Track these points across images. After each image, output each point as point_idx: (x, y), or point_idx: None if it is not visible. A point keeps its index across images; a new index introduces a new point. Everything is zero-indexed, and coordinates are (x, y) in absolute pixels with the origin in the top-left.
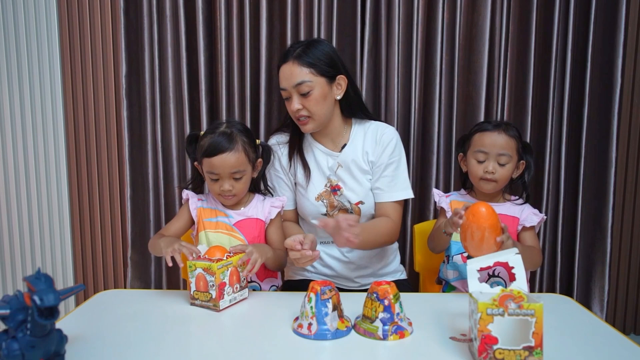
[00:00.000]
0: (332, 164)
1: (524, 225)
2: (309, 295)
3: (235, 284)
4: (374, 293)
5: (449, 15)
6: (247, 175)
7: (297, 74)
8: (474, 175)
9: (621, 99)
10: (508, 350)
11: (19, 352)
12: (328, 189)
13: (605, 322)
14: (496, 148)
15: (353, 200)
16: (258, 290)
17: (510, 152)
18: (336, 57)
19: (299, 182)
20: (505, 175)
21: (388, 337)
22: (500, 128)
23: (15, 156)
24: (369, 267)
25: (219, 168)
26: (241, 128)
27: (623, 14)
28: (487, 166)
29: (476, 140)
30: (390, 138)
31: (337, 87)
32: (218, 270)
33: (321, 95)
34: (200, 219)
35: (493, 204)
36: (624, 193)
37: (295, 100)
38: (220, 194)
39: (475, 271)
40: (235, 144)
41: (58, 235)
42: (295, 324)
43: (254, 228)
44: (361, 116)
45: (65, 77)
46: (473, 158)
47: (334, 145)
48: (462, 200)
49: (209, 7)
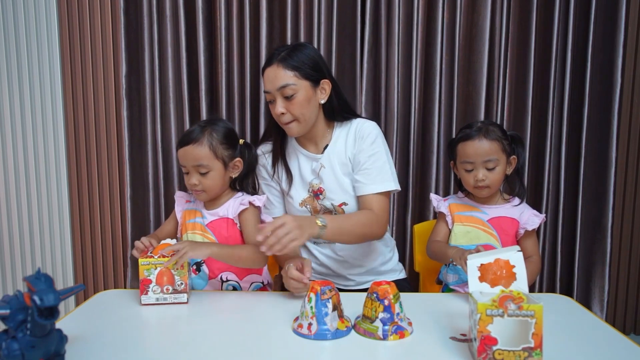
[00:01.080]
0: (315, 165)
1: (525, 229)
2: (309, 295)
3: (167, 285)
4: (374, 293)
5: (449, 15)
6: (216, 172)
7: (281, 77)
8: (467, 184)
9: (621, 99)
10: (507, 351)
11: (19, 352)
12: (311, 194)
13: (605, 322)
14: (480, 156)
15: (336, 202)
16: (238, 288)
17: (496, 155)
18: (321, 62)
19: (284, 188)
20: (497, 179)
21: (388, 337)
22: (480, 133)
23: (15, 156)
24: (364, 265)
25: (183, 159)
26: (221, 125)
27: (623, 14)
28: (477, 175)
29: (460, 150)
30: (369, 131)
31: (322, 91)
32: (142, 267)
33: (305, 99)
34: (185, 220)
35: (492, 206)
36: (624, 193)
37: (279, 104)
38: (190, 188)
39: (476, 268)
40: (201, 138)
41: (58, 235)
42: (295, 324)
43: (223, 228)
44: (343, 119)
45: (65, 77)
46: (461, 168)
47: (316, 148)
48: (461, 203)
49: (209, 7)
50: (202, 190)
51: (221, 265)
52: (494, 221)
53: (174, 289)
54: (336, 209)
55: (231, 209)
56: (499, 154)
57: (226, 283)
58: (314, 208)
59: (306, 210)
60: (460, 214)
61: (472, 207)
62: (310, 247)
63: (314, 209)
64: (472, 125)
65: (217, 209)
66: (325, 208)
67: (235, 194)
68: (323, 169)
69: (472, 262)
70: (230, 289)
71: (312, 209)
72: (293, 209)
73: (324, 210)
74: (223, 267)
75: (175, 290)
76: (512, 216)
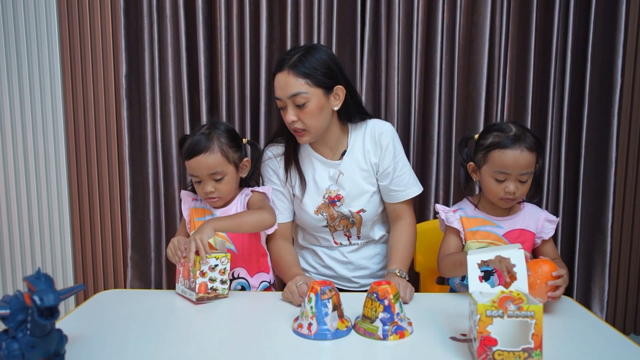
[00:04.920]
0: (333, 172)
1: (542, 238)
2: (309, 295)
3: (186, 280)
4: (374, 293)
5: (449, 15)
6: (230, 176)
7: (292, 85)
8: (492, 194)
9: (621, 99)
10: (507, 351)
11: (19, 352)
12: (326, 201)
13: (605, 322)
14: (520, 168)
15: (354, 208)
16: (246, 287)
17: (532, 169)
18: (334, 66)
19: (297, 194)
20: (525, 192)
21: (388, 337)
22: (520, 143)
23: (15, 156)
24: (368, 268)
25: (197, 170)
26: (223, 129)
27: (623, 14)
28: (508, 186)
29: (495, 158)
30: (389, 139)
31: (335, 97)
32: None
33: (317, 107)
34: (192, 218)
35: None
36: (624, 193)
37: (291, 112)
38: (204, 197)
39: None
40: (211, 145)
41: (58, 235)
42: (295, 324)
43: None
44: (359, 120)
45: (65, 77)
46: (491, 177)
47: (332, 153)
48: (473, 217)
49: (209, 7)
50: (218, 197)
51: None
52: (509, 235)
53: (189, 285)
54: (354, 215)
55: (239, 205)
56: (534, 166)
57: (236, 281)
58: (330, 215)
59: (322, 218)
60: (473, 230)
61: (485, 220)
62: (316, 249)
63: (331, 216)
64: (506, 130)
65: (226, 207)
66: (342, 215)
67: (241, 191)
68: (342, 175)
69: (472, 258)
70: (239, 288)
71: (329, 216)
72: (307, 216)
73: (341, 218)
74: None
75: (189, 287)
76: (527, 227)
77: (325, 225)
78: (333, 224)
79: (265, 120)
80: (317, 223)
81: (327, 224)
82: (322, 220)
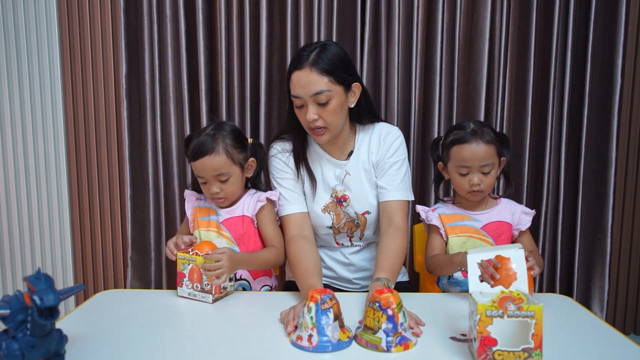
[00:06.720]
0: (339, 172)
1: (519, 230)
2: (309, 305)
3: (196, 283)
4: (376, 302)
5: (449, 15)
6: (235, 176)
7: (315, 83)
8: (460, 188)
9: (621, 99)
10: (507, 351)
11: (19, 352)
12: (334, 200)
13: (605, 322)
14: (478, 160)
15: (360, 210)
16: (248, 288)
17: (492, 160)
18: (349, 62)
19: (306, 191)
20: (491, 183)
21: (392, 348)
22: (477, 137)
23: (15, 156)
24: (370, 269)
25: (202, 171)
26: (228, 130)
27: (623, 14)
28: (472, 179)
29: (455, 153)
30: (395, 138)
31: (352, 94)
32: (178, 260)
33: (339, 105)
34: (196, 217)
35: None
36: (624, 193)
37: (312, 110)
38: (210, 198)
39: (476, 265)
40: (216, 147)
41: (58, 235)
42: (294, 335)
43: (239, 225)
44: (369, 122)
45: (65, 77)
46: (455, 172)
47: (340, 153)
48: (451, 213)
49: (209, 7)
50: (224, 198)
51: None
52: (487, 228)
53: (202, 288)
54: (359, 217)
55: (247, 207)
56: (494, 158)
57: (237, 282)
58: (336, 215)
59: (329, 216)
60: (452, 225)
61: (463, 215)
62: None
63: (337, 216)
64: (465, 127)
65: (232, 207)
66: (348, 216)
67: (248, 191)
68: (348, 176)
69: (472, 258)
70: (240, 289)
71: (335, 216)
72: (313, 214)
73: (347, 219)
74: None
75: (202, 290)
76: (504, 219)
77: (330, 226)
78: (338, 225)
79: (265, 120)
80: (322, 222)
81: (332, 224)
82: (327, 219)
